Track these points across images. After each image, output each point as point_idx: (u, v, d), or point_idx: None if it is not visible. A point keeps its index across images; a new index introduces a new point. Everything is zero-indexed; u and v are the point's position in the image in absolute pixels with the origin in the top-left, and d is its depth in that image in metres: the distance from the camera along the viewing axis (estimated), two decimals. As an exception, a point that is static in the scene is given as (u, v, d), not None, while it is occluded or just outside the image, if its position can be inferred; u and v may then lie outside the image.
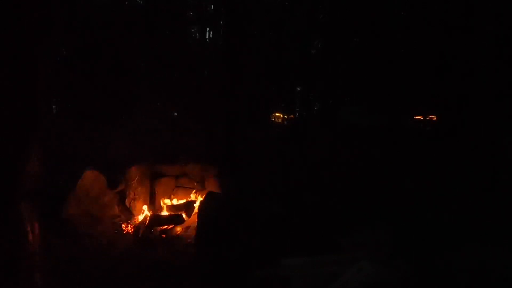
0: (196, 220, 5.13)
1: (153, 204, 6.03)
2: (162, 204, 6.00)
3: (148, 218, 5.52)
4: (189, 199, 6.01)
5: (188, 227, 5.35)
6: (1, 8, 2.06)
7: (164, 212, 5.84)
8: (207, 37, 10.70)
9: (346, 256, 3.01)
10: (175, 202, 6.02)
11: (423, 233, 3.61)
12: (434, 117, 9.11)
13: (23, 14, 2.08)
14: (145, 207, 5.85)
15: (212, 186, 6.01)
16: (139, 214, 5.74)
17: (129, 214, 5.77)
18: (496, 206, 4.27)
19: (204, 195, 5.39)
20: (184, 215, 5.68)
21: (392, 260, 2.86)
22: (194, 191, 6.11)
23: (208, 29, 10.60)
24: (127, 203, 5.83)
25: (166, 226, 5.41)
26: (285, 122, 12.75)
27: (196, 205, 5.69)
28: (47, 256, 4.11)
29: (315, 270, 2.80)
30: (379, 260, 2.84)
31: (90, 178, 5.50)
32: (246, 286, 2.99)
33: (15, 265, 1.96)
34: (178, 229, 5.33)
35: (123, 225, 5.28)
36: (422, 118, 9.34)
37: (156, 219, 5.54)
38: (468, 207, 4.32)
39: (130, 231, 5.17)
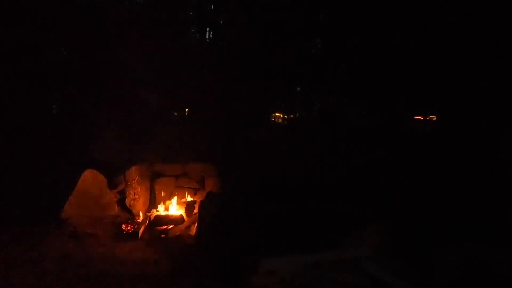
0: (196, 220, 5.15)
1: (153, 204, 6.03)
2: (162, 204, 6.01)
3: (148, 218, 5.53)
4: (186, 200, 6.02)
5: (188, 227, 5.36)
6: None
7: (164, 212, 5.85)
8: (207, 37, 10.70)
9: (346, 256, 3.01)
10: (175, 202, 6.03)
11: (423, 233, 3.61)
12: (434, 117, 9.11)
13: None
14: (144, 207, 5.86)
15: (212, 186, 6.02)
16: (139, 214, 5.75)
17: (129, 214, 5.78)
18: (496, 205, 4.27)
19: (204, 195, 5.40)
20: (184, 215, 5.69)
21: (392, 260, 2.86)
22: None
23: (208, 29, 10.61)
24: (127, 203, 5.84)
25: (166, 226, 5.42)
26: (285, 122, 12.74)
27: (196, 205, 5.70)
28: (47, 256, 4.14)
29: (315, 270, 2.80)
30: (379, 260, 2.84)
31: (90, 178, 5.51)
32: (246, 285, 2.99)
33: None
34: (178, 229, 5.34)
35: (123, 225, 5.29)
36: (422, 118, 9.34)
37: (156, 219, 5.55)
38: (468, 207, 4.32)
39: (130, 231, 5.17)
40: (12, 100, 7.62)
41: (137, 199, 5.86)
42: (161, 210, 5.90)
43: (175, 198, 6.05)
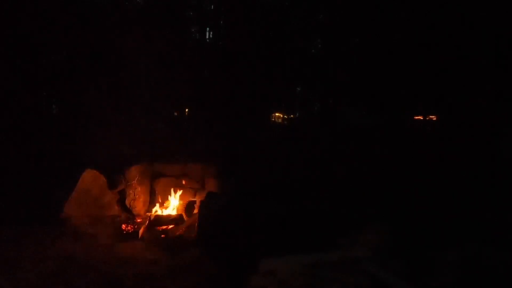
0: (196, 220, 5.14)
1: (153, 204, 6.03)
2: (162, 204, 6.01)
3: (148, 218, 5.53)
4: (185, 200, 6.01)
5: (188, 227, 5.35)
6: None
7: (164, 212, 5.84)
8: (207, 37, 10.71)
9: (346, 256, 3.01)
10: (175, 202, 6.02)
11: (423, 233, 3.61)
12: (434, 117, 9.12)
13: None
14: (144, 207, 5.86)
15: (212, 186, 6.01)
16: (139, 214, 5.74)
17: (129, 214, 5.77)
18: (496, 205, 4.27)
19: (204, 195, 5.40)
20: (184, 215, 5.68)
21: (392, 260, 2.86)
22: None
23: (208, 29, 10.62)
24: (127, 203, 5.84)
25: (166, 226, 5.41)
26: (285, 122, 12.75)
27: (196, 205, 5.70)
28: (47, 256, 4.14)
29: (315, 270, 2.80)
30: (379, 260, 2.84)
31: (90, 178, 5.51)
32: (246, 285, 2.99)
33: None
34: (178, 229, 5.33)
35: (123, 225, 5.29)
36: (422, 118, 9.34)
37: (156, 219, 5.54)
38: (468, 207, 4.32)
39: (130, 231, 5.17)
40: (12, 100, 7.62)
41: (137, 199, 5.86)
42: (161, 210, 5.90)
43: (175, 198, 6.04)
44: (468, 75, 6.97)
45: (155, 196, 6.08)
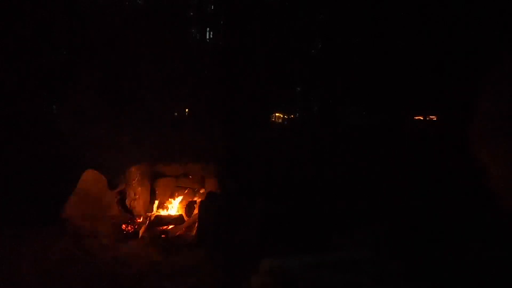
0: (196, 220, 5.15)
1: (153, 204, 6.03)
2: (162, 204, 6.01)
3: (148, 218, 5.53)
4: (186, 200, 6.01)
5: (188, 227, 5.36)
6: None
7: (164, 212, 5.85)
8: (207, 37, 10.70)
9: (346, 256, 3.01)
10: (175, 202, 6.02)
11: (423, 233, 3.61)
12: (434, 117, 9.10)
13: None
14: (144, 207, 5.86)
15: (212, 186, 6.02)
16: (139, 214, 5.74)
17: (129, 214, 5.78)
18: (500, 206, 4.26)
19: (204, 195, 5.41)
20: (184, 215, 5.69)
21: (392, 260, 2.86)
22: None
23: (208, 29, 10.61)
24: (127, 203, 5.84)
25: (166, 226, 5.42)
26: (285, 122, 12.73)
27: (196, 205, 5.70)
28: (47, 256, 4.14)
29: (315, 270, 2.80)
30: (379, 260, 2.84)
31: (90, 178, 5.51)
32: (246, 285, 2.99)
33: None
34: (178, 229, 5.34)
35: (123, 225, 5.29)
36: (422, 118, 9.32)
37: (156, 219, 5.55)
38: (468, 207, 4.32)
39: (130, 231, 5.17)
40: (12, 100, 7.63)
41: (137, 199, 5.86)
42: (161, 210, 5.90)
43: (175, 198, 6.05)
44: (469, 74, 6.97)
45: (155, 196, 6.08)
